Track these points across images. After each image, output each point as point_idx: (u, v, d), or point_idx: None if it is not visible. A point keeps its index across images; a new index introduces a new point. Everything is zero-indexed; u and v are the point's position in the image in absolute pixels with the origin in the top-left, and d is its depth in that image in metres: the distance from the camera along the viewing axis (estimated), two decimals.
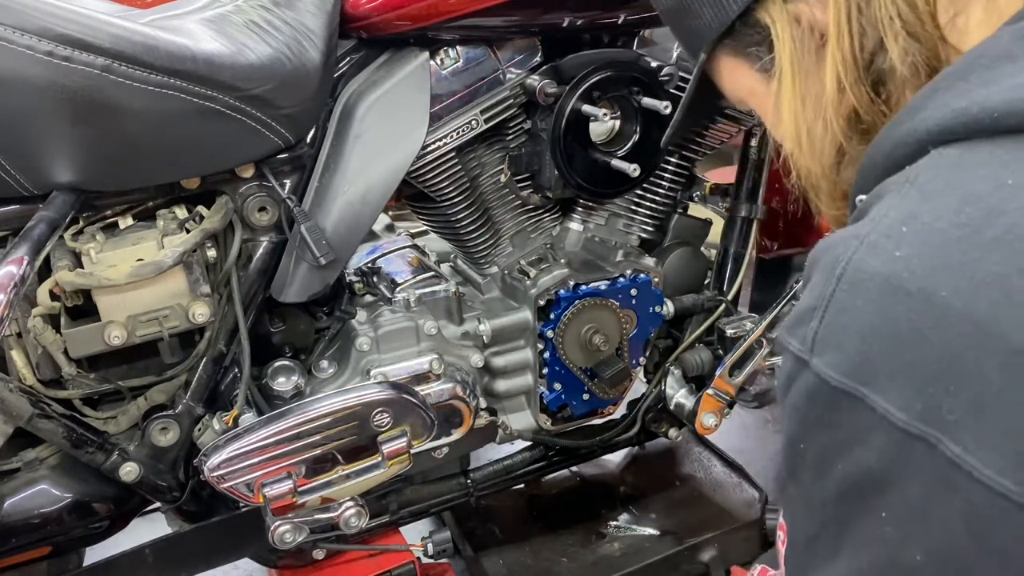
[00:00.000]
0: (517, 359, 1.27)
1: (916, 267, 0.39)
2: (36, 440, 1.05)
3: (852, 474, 0.42)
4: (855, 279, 0.41)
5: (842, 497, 0.43)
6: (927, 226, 0.40)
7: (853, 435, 0.41)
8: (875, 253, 0.41)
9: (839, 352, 0.41)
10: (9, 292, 0.83)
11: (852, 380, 0.40)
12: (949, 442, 0.37)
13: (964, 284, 0.37)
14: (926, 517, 0.39)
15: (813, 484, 0.45)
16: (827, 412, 0.42)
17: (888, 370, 0.39)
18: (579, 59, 1.16)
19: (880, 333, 0.40)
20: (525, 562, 1.38)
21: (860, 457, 0.41)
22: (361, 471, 1.06)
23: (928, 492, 0.39)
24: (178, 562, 1.17)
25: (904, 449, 0.39)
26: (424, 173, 1.16)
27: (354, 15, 1.09)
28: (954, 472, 0.37)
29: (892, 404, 0.39)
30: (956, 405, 0.37)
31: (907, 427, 0.38)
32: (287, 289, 1.09)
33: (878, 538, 0.41)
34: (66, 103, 0.86)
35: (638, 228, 1.36)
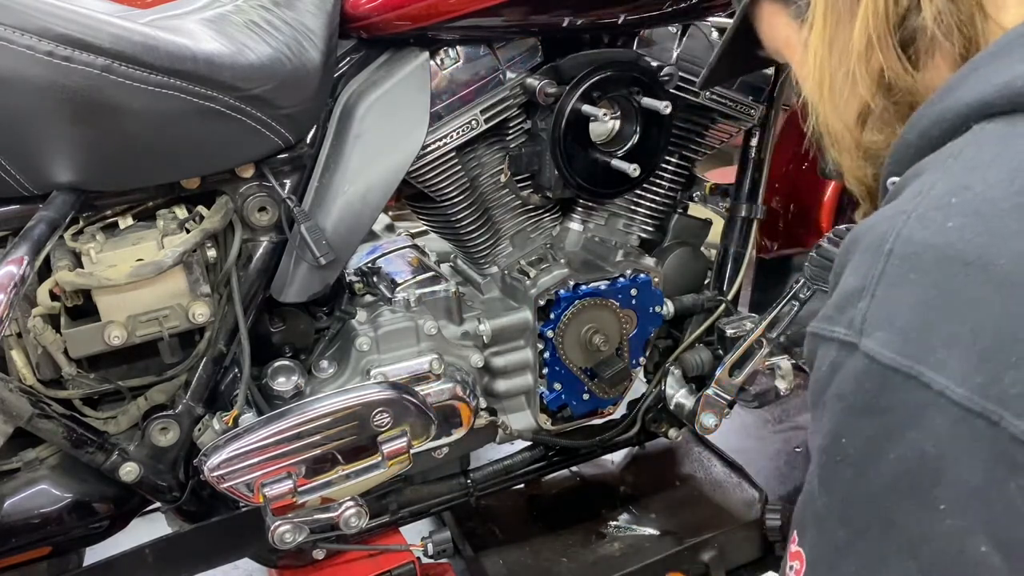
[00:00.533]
0: (517, 359, 1.27)
1: (971, 236, 0.37)
2: (36, 440, 1.05)
3: (904, 462, 0.39)
4: (906, 253, 0.39)
5: (891, 491, 0.40)
6: (979, 195, 0.39)
7: (906, 417, 0.38)
8: (925, 226, 0.39)
9: (892, 329, 0.39)
10: (9, 292, 0.83)
11: (907, 357, 0.38)
12: (1012, 417, 0.35)
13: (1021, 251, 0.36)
14: (989, 501, 0.37)
15: (855, 483, 0.42)
16: (877, 396, 0.39)
17: (946, 344, 0.37)
18: (579, 59, 1.16)
19: (936, 306, 0.38)
20: (525, 562, 1.38)
21: (913, 441, 0.38)
22: (361, 471, 1.06)
23: (990, 474, 0.36)
24: (178, 562, 1.17)
25: (963, 427, 0.37)
26: (424, 173, 1.16)
27: (354, 15, 1.09)
28: (1018, 449, 0.35)
29: (951, 379, 0.37)
30: (1020, 378, 0.35)
31: (967, 403, 0.36)
32: (287, 289, 1.09)
33: (937, 533, 0.39)
34: (66, 103, 0.86)
35: (638, 228, 1.36)
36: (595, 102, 1.16)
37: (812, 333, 0.44)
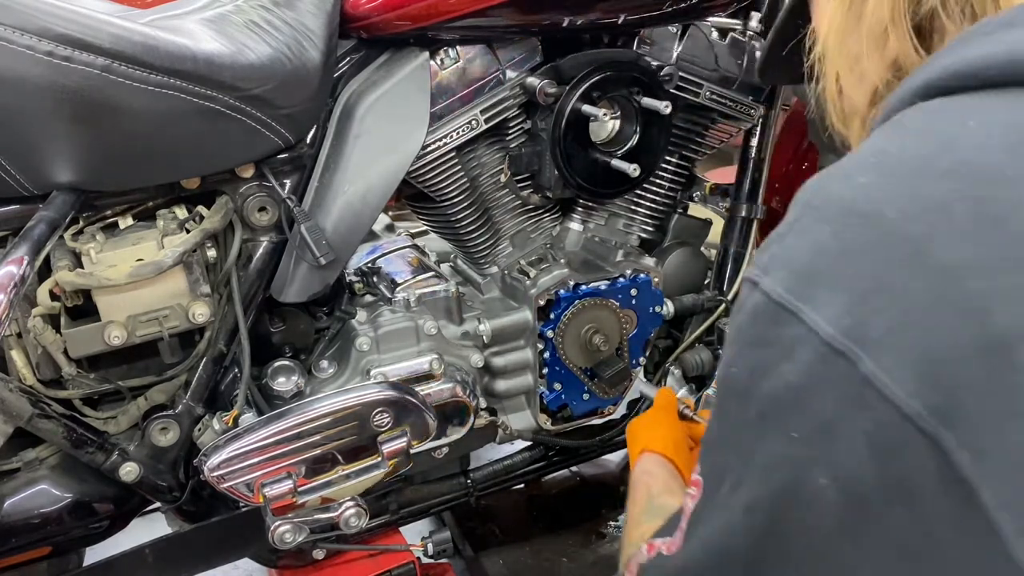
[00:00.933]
0: (517, 359, 1.27)
1: (873, 192, 0.40)
2: (36, 440, 1.05)
3: (773, 391, 0.41)
4: (819, 204, 0.42)
5: (760, 418, 0.42)
6: (893, 157, 0.41)
7: (781, 351, 0.41)
8: (840, 181, 0.42)
9: (787, 269, 0.42)
10: (9, 292, 0.83)
11: (793, 295, 0.40)
12: (868, 359, 0.37)
13: (910, 207, 0.38)
14: (834, 437, 0.39)
15: (737, 411, 0.44)
16: (764, 330, 0.42)
17: (827, 286, 0.39)
18: (579, 59, 1.16)
19: (827, 251, 0.40)
20: (525, 562, 1.38)
21: (784, 373, 0.41)
22: (361, 471, 1.06)
23: (840, 409, 0.38)
24: (178, 562, 1.17)
25: (825, 364, 0.39)
26: (424, 173, 1.16)
27: (354, 15, 1.09)
28: (867, 390, 0.37)
29: (823, 318, 0.39)
30: (881, 323, 0.37)
31: (832, 341, 0.38)
32: (287, 289, 1.09)
33: (785, 461, 0.41)
34: (66, 103, 0.86)
35: (638, 228, 1.36)
36: (595, 102, 1.16)
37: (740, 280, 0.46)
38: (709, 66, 1.27)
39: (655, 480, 0.85)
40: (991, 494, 0.34)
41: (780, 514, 0.42)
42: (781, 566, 0.43)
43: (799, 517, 0.41)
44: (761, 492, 0.43)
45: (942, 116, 0.42)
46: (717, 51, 1.27)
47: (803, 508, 0.40)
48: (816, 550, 0.41)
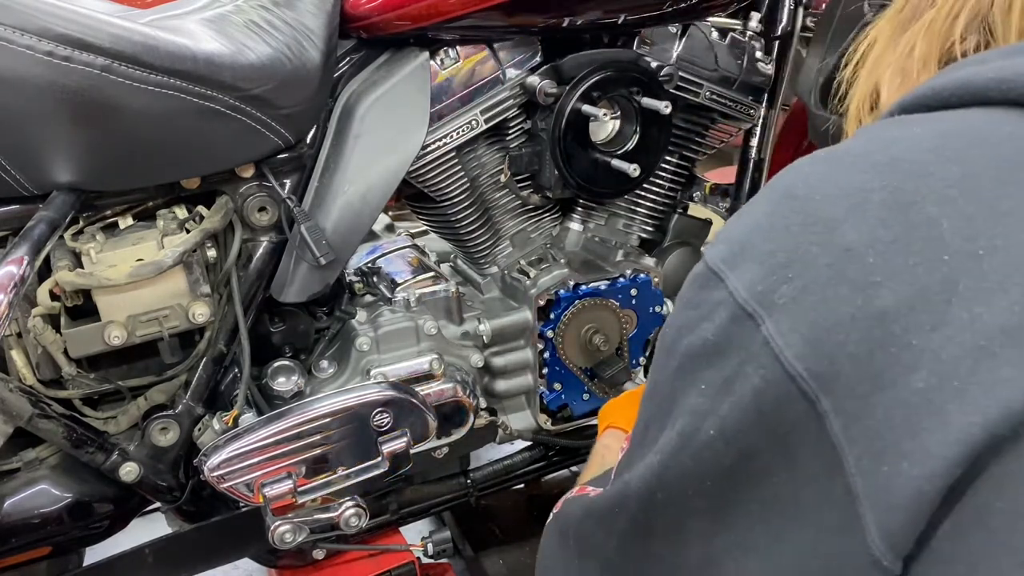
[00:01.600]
0: (517, 359, 1.27)
1: (812, 179, 0.43)
2: (36, 440, 1.05)
3: (691, 347, 0.44)
4: (770, 188, 0.45)
5: (678, 370, 0.46)
6: (838, 152, 0.44)
7: (706, 311, 0.44)
8: (795, 171, 0.44)
9: (726, 242, 0.45)
10: (9, 292, 0.83)
11: (724, 263, 0.43)
12: (769, 322, 0.40)
13: (835, 193, 0.41)
14: (729, 391, 0.42)
15: (663, 365, 0.47)
16: (696, 292, 0.45)
17: (752, 257, 0.42)
18: (579, 59, 1.16)
19: (760, 226, 0.43)
20: (525, 562, 1.38)
21: (703, 330, 0.44)
22: (361, 471, 1.06)
23: (740, 367, 0.41)
24: (178, 562, 1.17)
25: (736, 324, 0.42)
26: (424, 173, 1.16)
27: (354, 15, 1.09)
28: (764, 350, 0.40)
29: (742, 284, 0.42)
30: (787, 291, 0.40)
31: (744, 303, 0.41)
32: (287, 289, 1.09)
33: (690, 409, 0.44)
34: (66, 103, 0.86)
35: (638, 228, 1.36)
36: (595, 102, 1.16)
37: None
38: (709, 66, 1.27)
39: (610, 452, 0.88)
40: (854, 460, 0.37)
41: (675, 456, 0.45)
42: (667, 509, 0.47)
43: (690, 462, 0.44)
44: (668, 437, 0.46)
45: (895, 125, 0.45)
46: (717, 51, 1.27)
47: (695, 454, 0.44)
48: (698, 497, 0.45)
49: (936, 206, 0.38)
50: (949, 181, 0.39)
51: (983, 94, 0.42)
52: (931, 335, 0.36)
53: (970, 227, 0.37)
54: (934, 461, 0.35)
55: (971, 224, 0.37)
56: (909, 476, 0.35)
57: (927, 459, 0.35)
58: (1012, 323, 0.35)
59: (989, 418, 0.34)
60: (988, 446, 0.34)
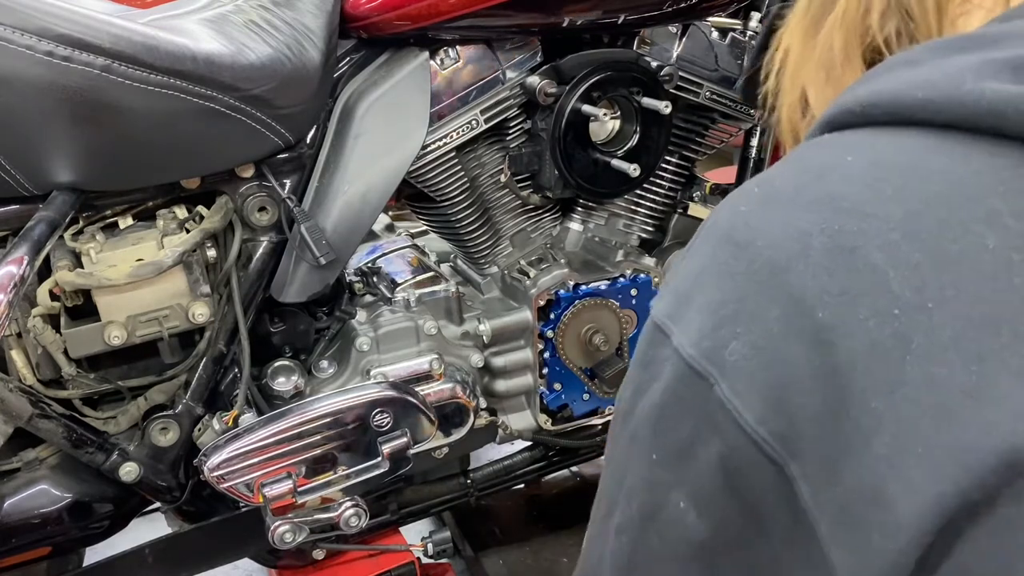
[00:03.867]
0: (517, 359, 1.27)
1: (750, 219, 0.40)
2: (36, 440, 1.05)
3: (642, 412, 0.42)
4: (707, 230, 0.43)
5: (631, 439, 0.43)
6: (772, 186, 0.41)
7: (654, 371, 0.41)
8: (729, 209, 0.42)
9: (668, 291, 0.43)
10: (9, 292, 0.83)
11: (667, 316, 0.41)
12: (723, 383, 0.37)
13: (776, 236, 0.38)
14: (692, 459, 0.39)
15: (618, 434, 0.45)
16: (647, 351, 0.43)
17: (698, 308, 0.40)
18: (579, 59, 1.16)
19: (700, 274, 0.41)
20: (525, 562, 1.38)
21: (653, 393, 0.41)
22: (361, 471, 1.06)
23: (697, 432, 0.39)
24: (178, 562, 1.17)
25: (685, 384, 0.39)
26: (424, 173, 1.16)
27: (354, 15, 1.09)
28: (721, 413, 0.37)
29: (687, 339, 0.39)
30: (738, 348, 0.37)
31: (691, 361, 0.39)
32: (287, 289, 1.09)
33: (648, 483, 0.42)
34: (66, 103, 0.86)
35: (638, 228, 1.36)
36: (595, 102, 1.16)
37: None
38: (709, 66, 1.27)
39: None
40: (826, 529, 0.35)
41: (642, 536, 0.42)
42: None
43: (659, 540, 0.41)
44: (628, 514, 0.43)
45: (826, 150, 0.42)
46: (717, 51, 1.27)
47: (663, 531, 0.41)
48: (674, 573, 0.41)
49: (880, 252, 0.36)
50: (891, 223, 0.36)
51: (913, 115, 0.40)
52: (890, 396, 0.34)
53: (917, 276, 0.35)
54: (906, 533, 0.33)
55: (918, 273, 0.35)
56: (882, 549, 0.34)
57: (898, 531, 0.33)
58: (970, 383, 0.33)
59: (959, 484, 0.32)
60: (961, 511, 0.32)
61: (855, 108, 0.42)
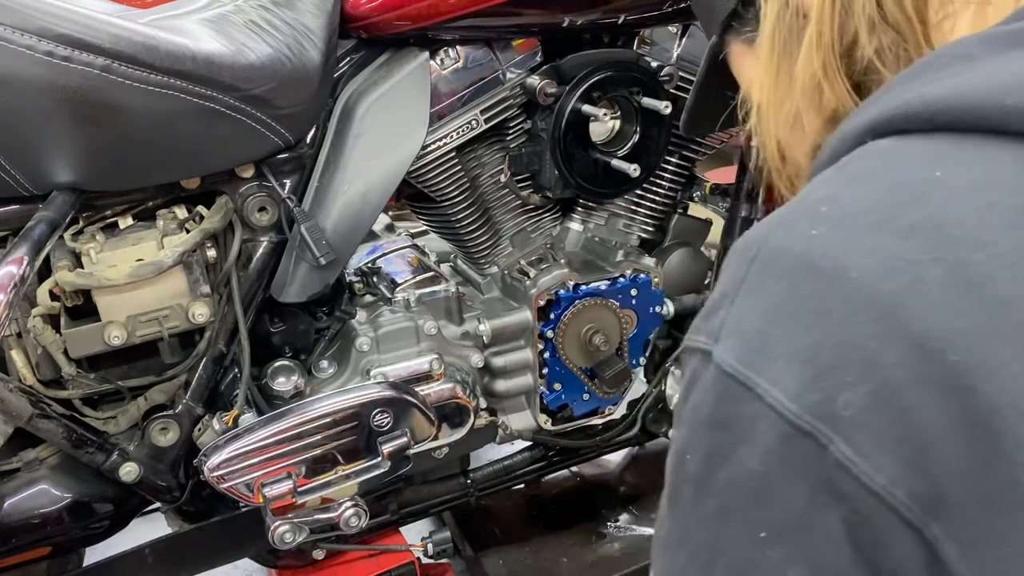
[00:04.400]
0: (517, 359, 1.27)
1: (830, 246, 0.35)
2: (36, 440, 1.05)
3: (733, 481, 0.36)
4: (767, 259, 0.37)
5: (720, 514, 0.37)
6: (846, 208, 0.37)
7: (739, 432, 0.36)
8: (791, 232, 0.37)
9: (738, 336, 0.37)
10: (9, 292, 0.83)
11: (746, 366, 0.36)
12: (841, 442, 0.33)
13: (876, 267, 0.34)
14: (809, 531, 0.34)
15: (693, 504, 0.39)
16: (719, 408, 0.37)
17: (786, 354, 0.35)
18: (579, 59, 1.16)
19: (783, 313, 0.35)
20: (525, 562, 1.38)
21: (744, 459, 0.36)
22: (361, 471, 1.06)
23: (812, 500, 0.34)
24: (178, 562, 1.17)
25: (791, 447, 0.34)
26: (424, 173, 1.16)
27: (354, 15, 1.09)
28: (843, 477, 0.33)
29: (784, 393, 0.34)
30: (853, 400, 0.33)
31: (796, 420, 0.34)
32: (287, 289, 1.09)
33: (758, 563, 0.36)
34: (66, 103, 0.86)
35: (638, 228, 1.36)
36: (595, 102, 1.16)
37: (683, 347, 0.41)
38: None
39: None
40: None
41: None
42: None
43: None
44: None
45: (901, 162, 0.38)
46: None
47: None
48: None
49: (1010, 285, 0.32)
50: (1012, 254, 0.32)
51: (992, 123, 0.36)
52: None
53: None
54: None
55: None
56: None
57: None
58: None
59: None
60: None
61: (921, 110, 0.38)
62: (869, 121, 0.40)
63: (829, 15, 0.47)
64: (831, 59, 0.48)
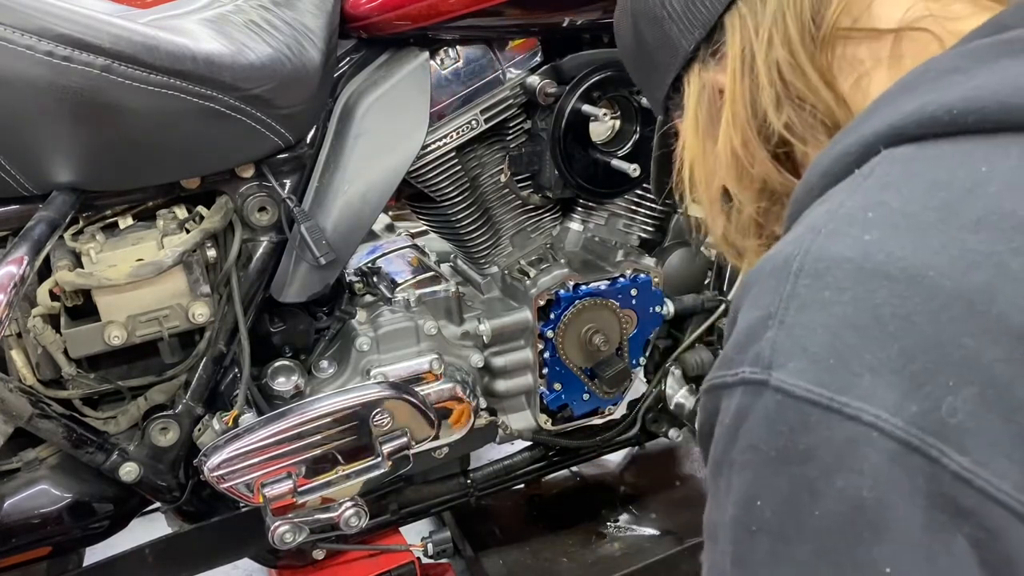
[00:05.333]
0: (517, 359, 1.27)
1: (894, 248, 0.33)
2: (36, 440, 1.05)
3: (835, 517, 0.32)
4: (818, 269, 0.35)
5: (819, 557, 0.33)
6: (897, 210, 0.35)
7: (833, 460, 0.32)
8: (839, 240, 0.35)
9: (806, 356, 0.33)
10: (9, 292, 0.83)
11: (826, 387, 0.32)
12: (953, 452, 0.30)
13: (953, 264, 0.32)
14: (933, 557, 0.31)
15: (776, 555, 0.34)
16: (796, 439, 0.33)
17: (872, 368, 0.32)
18: (579, 59, 1.16)
19: (857, 325, 0.33)
20: (525, 562, 1.38)
21: (844, 489, 0.32)
22: (361, 471, 1.06)
23: (932, 522, 0.31)
24: (178, 562, 1.17)
25: (902, 465, 0.31)
26: (424, 173, 1.16)
27: (354, 15, 1.09)
28: (962, 490, 0.30)
29: (883, 408, 0.31)
30: (958, 404, 0.31)
31: (904, 435, 0.31)
32: (287, 289, 1.09)
33: None
34: (66, 103, 0.86)
35: (638, 228, 1.36)
36: (595, 102, 1.16)
37: (709, 387, 0.38)
38: None
39: None
40: None
41: None
42: None
43: None
44: None
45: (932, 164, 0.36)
46: None
47: None
48: None
49: None
50: None
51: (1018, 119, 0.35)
52: None
53: None
54: None
55: None
56: None
57: None
58: None
59: None
60: None
61: (941, 116, 0.36)
62: (876, 132, 0.39)
63: (740, 94, 0.48)
64: (749, 135, 0.49)
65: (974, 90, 0.36)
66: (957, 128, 0.36)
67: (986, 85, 0.36)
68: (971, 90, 0.36)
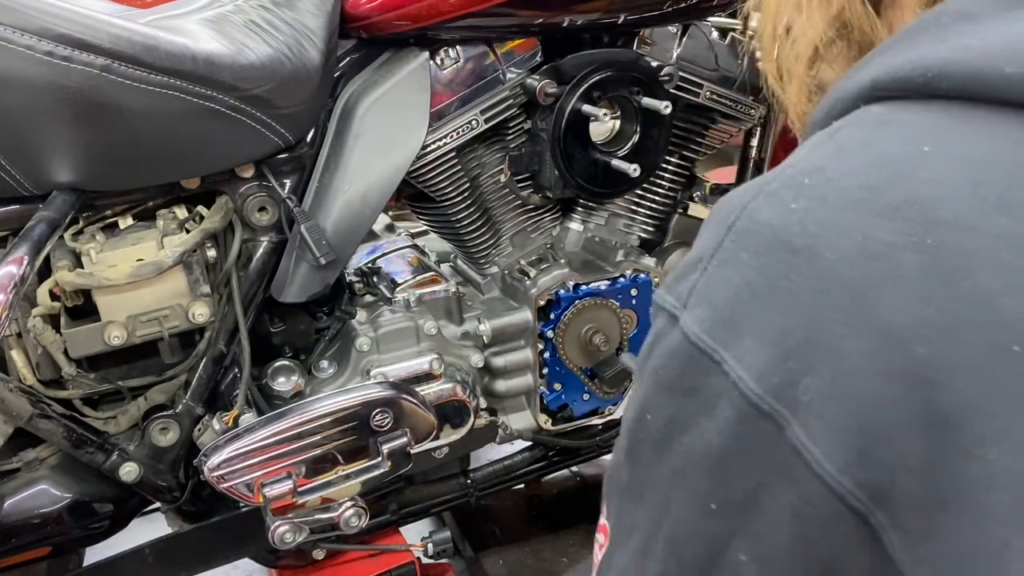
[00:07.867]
0: (517, 359, 1.27)
1: (808, 223, 0.34)
2: (36, 440, 1.05)
3: (691, 450, 0.36)
4: (745, 229, 0.36)
5: (675, 475, 0.37)
6: (830, 182, 0.35)
7: (702, 404, 0.36)
8: (770, 203, 0.36)
9: (709, 307, 0.36)
10: (9, 292, 0.83)
11: (714, 339, 0.35)
12: (797, 426, 0.33)
13: (852, 250, 0.33)
14: (757, 510, 0.34)
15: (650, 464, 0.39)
16: (683, 376, 0.37)
17: (754, 332, 0.34)
18: (579, 59, 1.16)
19: (754, 289, 0.35)
20: (525, 562, 1.38)
21: (703, 430, 0.36)
22: (361, 471, 1.06)
23: (764, 481, 0.34)
24: (178, 562, 1.17)
25: (750, 426, 0.34)
26: (424, 173, 1.16)
27: (354, 15, 1.09)
28: (795, 461, 0.33)
29: (748, 372, 0.34)
30: (813, 384, 0.32)
31: (757, 401, 0.33)
32: (287, 289, 1.09)
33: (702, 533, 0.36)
34: (66, 103, 0.86)
35: (638, 228, 1.36)
36: (595, 102, 1.16)
37: (654, 301, 0.41)
38: (709, 66, 1.27)
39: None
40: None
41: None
42: None
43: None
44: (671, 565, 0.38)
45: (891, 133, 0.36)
46: (717, 51, 1.27)
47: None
48: None
49: (993, 277, 0.30)
50: (1000, 239, 0.30)
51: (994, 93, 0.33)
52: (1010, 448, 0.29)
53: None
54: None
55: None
56: None
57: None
58: None
59: None
60: None
61: (916, 77, 0.35)
62: (862, 84, 0.38)
63: None
64: None
65: (956, 50, 0.35)
66: (931, 92, 0.35)
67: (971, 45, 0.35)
68: (955, 50, 0.35)
